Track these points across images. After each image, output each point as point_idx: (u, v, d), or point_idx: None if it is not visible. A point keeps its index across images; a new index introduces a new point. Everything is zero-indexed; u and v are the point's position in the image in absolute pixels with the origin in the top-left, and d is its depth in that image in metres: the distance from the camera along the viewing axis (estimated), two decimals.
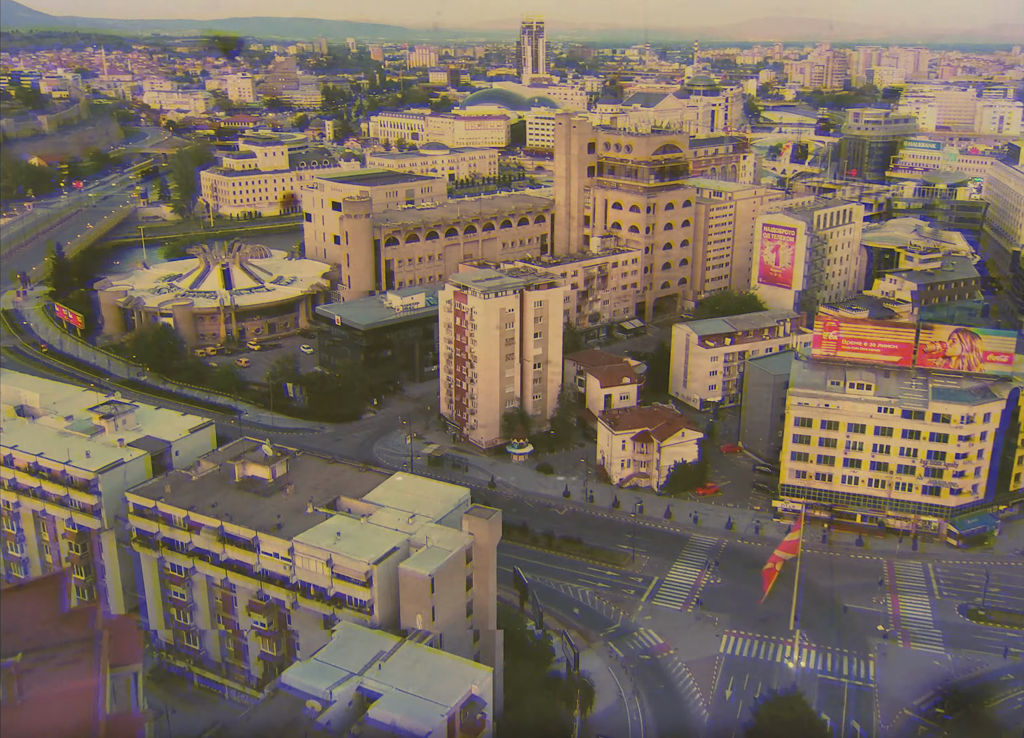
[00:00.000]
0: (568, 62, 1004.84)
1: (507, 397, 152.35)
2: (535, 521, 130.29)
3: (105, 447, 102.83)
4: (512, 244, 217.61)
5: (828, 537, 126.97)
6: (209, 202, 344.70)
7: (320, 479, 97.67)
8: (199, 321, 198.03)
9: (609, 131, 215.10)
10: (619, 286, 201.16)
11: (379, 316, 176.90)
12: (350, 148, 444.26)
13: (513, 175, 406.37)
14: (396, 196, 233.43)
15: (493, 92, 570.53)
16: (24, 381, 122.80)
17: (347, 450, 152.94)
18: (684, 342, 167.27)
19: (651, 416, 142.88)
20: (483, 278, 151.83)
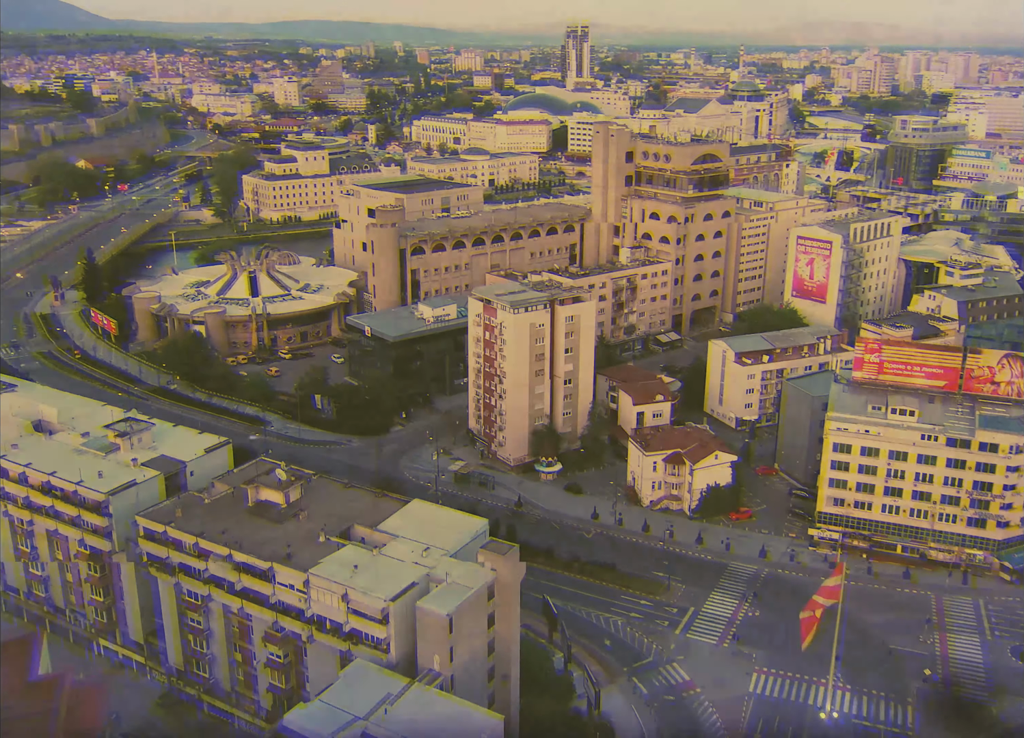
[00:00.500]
0: (613, 66, 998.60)
1: (536, 414, 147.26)
2: (562, 544, 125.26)
3: (119, 466, 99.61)
4: (540, 254, 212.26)
5: (873, 569, 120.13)
6: (250, 206, 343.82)
7: (334, 505, 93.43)
8: (231, 329, 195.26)
9: (648, 140, 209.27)
10: (648, 298, 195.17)
11: (409, 327, 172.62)
12: (391, 153, 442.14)
13: (553, 180, 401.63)
14: (431, 204, 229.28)
15: (535, 97, 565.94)
16: (43, 394, 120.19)
17: (371, 464, 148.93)
18: (720, 358, 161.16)
19: (684, 437, 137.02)
20: (507, 292, 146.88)
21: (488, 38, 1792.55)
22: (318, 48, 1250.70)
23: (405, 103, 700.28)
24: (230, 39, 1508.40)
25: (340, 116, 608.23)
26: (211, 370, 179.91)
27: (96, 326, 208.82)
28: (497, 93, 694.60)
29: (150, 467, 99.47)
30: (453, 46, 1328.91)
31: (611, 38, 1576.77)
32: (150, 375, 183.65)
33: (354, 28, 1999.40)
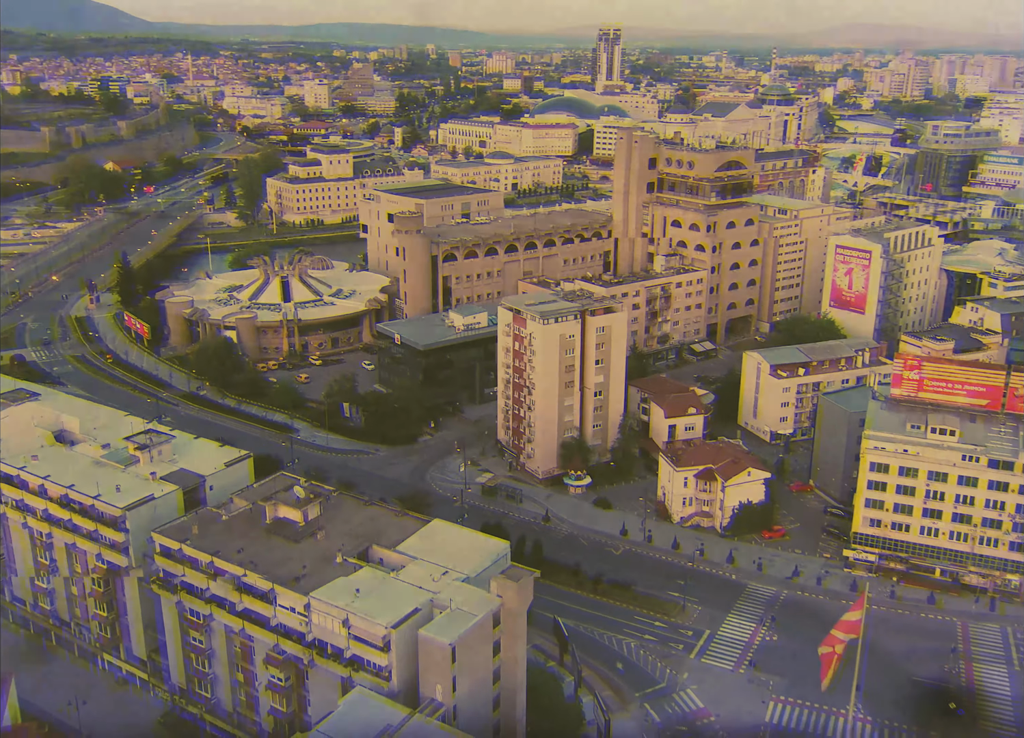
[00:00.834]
0: (644, 68, 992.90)
1: (565, 426, 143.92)
2: (588, 561, 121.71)
3: (137, 480, 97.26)
4: (574, 261, 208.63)
5: (896, 592, 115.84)
6: (274, 209, 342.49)
7: (354, 524, 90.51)
8: (262, 334, 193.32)
9: (671, 146, 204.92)
10: (683, 307, 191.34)
11: (439, 335, 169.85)
12: (416, 156, 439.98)
13: (576, 185, 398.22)
14: (451, 209, 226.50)
15: (563, 100, 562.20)
16: (66, 403, 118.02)
17: (401, 475, 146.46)
18: (755, 371, 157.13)
19: (716, 452, 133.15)
20: (536, 301, 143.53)
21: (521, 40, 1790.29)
22: (352, 50, 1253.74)
23: (434, 105, 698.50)
24: (266, 41, 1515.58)
25: (368, 119, 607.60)
26: (241, 376, 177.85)
27: (129, 330, 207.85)
28: (526, 96, 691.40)
29: (169, 481, 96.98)
30: (485, 48, 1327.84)
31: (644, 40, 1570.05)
32: (180, 380, 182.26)
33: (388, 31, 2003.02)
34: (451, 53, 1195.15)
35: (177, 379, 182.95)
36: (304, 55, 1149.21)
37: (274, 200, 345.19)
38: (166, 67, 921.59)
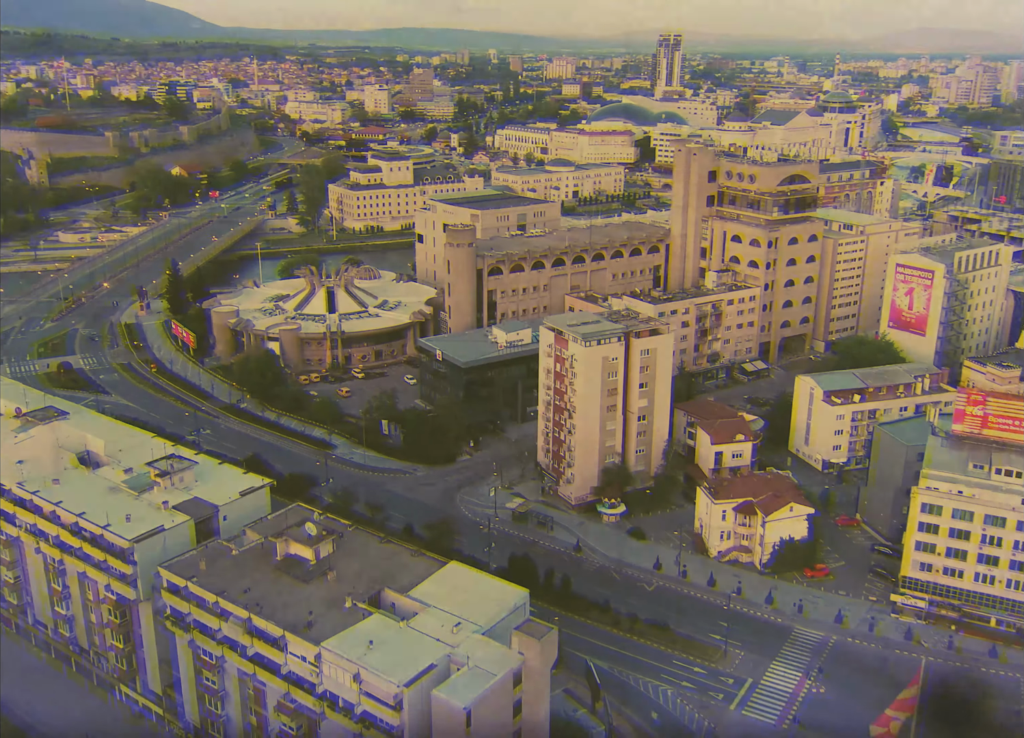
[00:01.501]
0: (705, 74, 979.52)
1: (607, 451, 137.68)
2: (620, 597, 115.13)
3: (150, 509, 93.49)
4: (623, 275, 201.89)
5: (955, 643, 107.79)
6: (335, 215, 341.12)
7: (366, 564, 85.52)
8: (306, 346, 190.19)
9: (732, 159, 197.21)
10: (735, 325, 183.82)
11: (481, 352, 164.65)
12: (477, 163, 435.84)
13: (639, 193, 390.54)
14: (507, 220, 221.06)
15: (620, 107, 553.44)
16: (94, 424, 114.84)
17: (433, 498, 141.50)
18: (807, 396, 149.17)
19: (759, 484, 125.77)
20: (579, 322, 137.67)
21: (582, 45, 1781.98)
22: (415, 55, 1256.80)
23: (492, 110, 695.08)
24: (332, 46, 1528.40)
25: (427, 124, 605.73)
26: (282, 389, 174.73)
27: (176, 338, 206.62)
28: (584, 102, 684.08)
29: (182, 511, 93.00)
30: (546, 53, 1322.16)
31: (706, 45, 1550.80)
32: (222, 391, 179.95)
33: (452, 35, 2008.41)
34: (512, 58, 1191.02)
35: (219, 390, 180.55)
36: (368, 60, 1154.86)
37: (335, 206, 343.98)
38: (233, 72, 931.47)
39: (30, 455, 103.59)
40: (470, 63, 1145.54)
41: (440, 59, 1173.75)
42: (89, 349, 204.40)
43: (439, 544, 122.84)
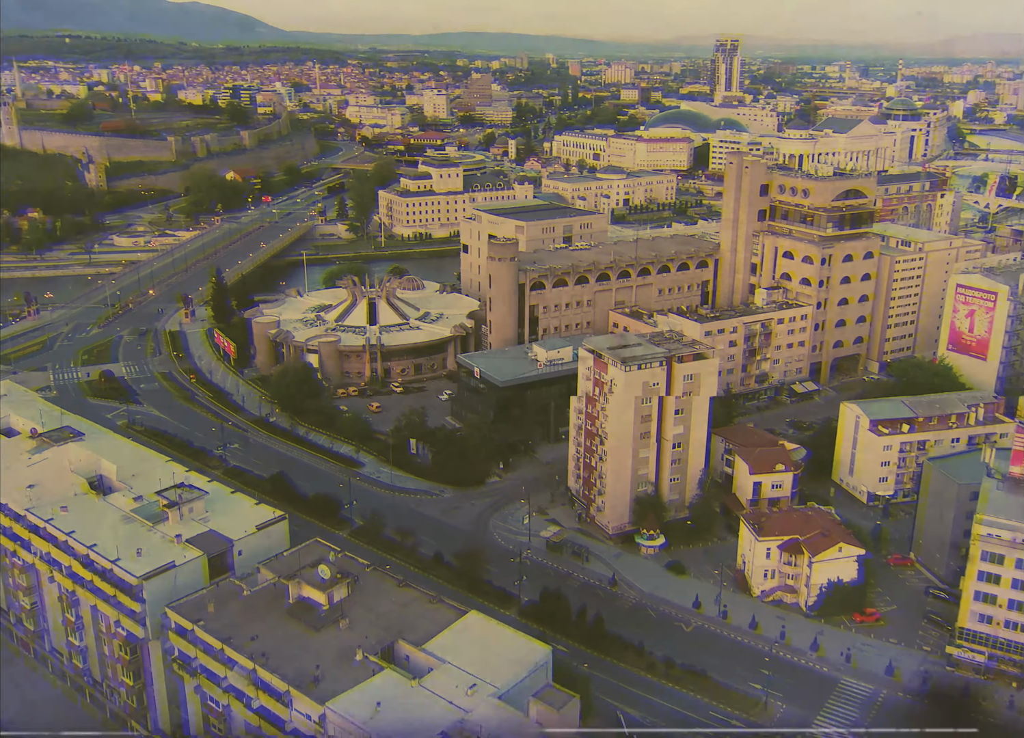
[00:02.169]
0: (765, 79, 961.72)
1: (640, 479, 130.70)
2: (655, 637, 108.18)
3: (162, 542, 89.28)
4: (669, 291, 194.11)
5: (1017, 703, 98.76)
6: (384, 222, 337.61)
7: (382, 611, 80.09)
8: (345, 359, 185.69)
9: (785, 173, 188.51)
10: (785, 345, 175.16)
11: (520, 371, 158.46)
12: (528, 169, 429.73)
13: (691, 201, 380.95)
14: (553, 232, 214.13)
15: (679, 113, 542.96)
16: (109, 446, 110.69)
17: (463, 522, 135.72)
18: (853, 424, 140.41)
19: (804, 521, 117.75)
20: (619, 345, 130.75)
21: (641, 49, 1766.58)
22: (475, 60, 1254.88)
23: (551, 115, 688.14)
24: (392, 50, 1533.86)
25: (485, 129, 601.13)
26: (314, 403, 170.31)
27: (218, 347, 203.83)
28: (643, 107, 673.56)
29: (196, 544, 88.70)
30: (605, 58, 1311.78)
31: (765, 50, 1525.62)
32: (255, 404, 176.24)
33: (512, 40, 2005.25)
34: (571, 62, 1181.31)
35: (253, 402, 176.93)
36: (429, 64, 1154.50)
37: (385, 212, 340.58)
38: (296, 76, 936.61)
39: (42, 479, 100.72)
40: (529, 67, 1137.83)
41: (499, 64, 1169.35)
42: (132, 357, 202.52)
43: (469, 575, 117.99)
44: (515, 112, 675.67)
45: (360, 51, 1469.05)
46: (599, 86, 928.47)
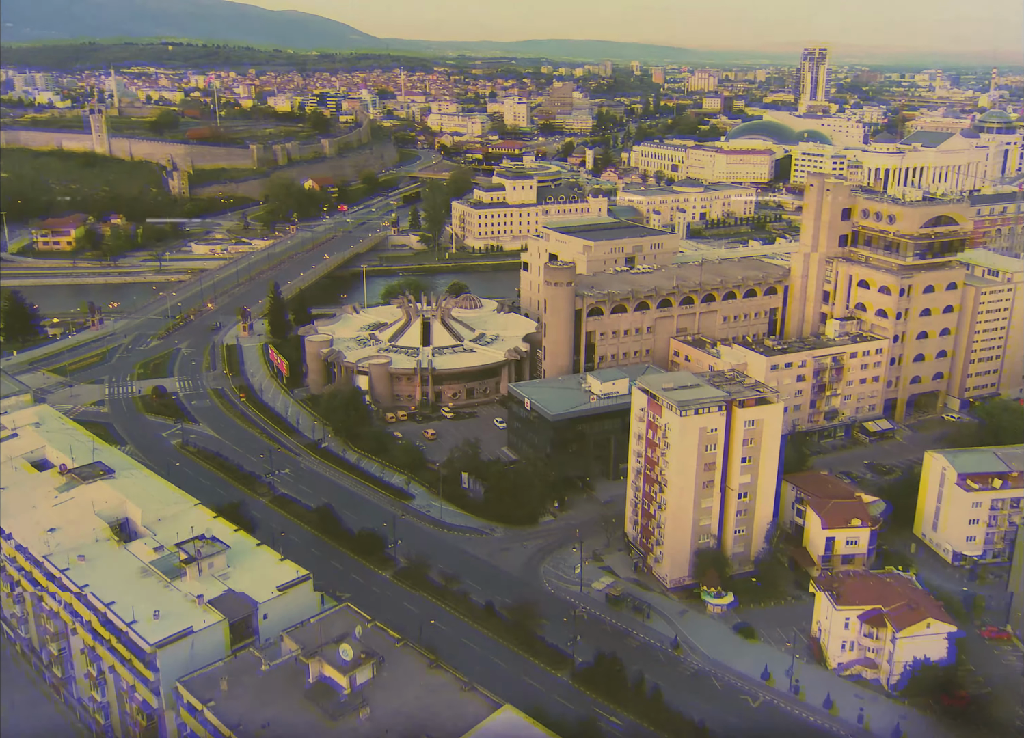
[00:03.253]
0: (851, 87, 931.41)
1: (701, 531, 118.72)
2: (719, 714, 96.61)
3: (183, 602, 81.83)
4: (735, 318, 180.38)
5: None
6: (456, 233, 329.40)
7: (408, 698, 70.99)
8: (396, 381, 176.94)
9: (870, 196, 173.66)
10: (858, 380, 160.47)
11: (572, 403, 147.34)
12: (605, 181, 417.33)
13: (770, 216, 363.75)
14: (621, 252, 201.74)
15: (760, 125, 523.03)
16: (136, 485, 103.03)
17: (515, 565, 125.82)
18: (939, 477, 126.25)
19: (886, 589, 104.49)
20: (675, 385, 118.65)
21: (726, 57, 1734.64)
22: (559, 67, 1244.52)
23: (631, 124, 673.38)
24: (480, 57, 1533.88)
25: (565, 138, 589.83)
26: (366, 428, 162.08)
27: (272, 364, 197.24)
28: (725, 117, 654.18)
29: (217, 607, 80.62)
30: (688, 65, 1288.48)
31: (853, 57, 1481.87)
32: (307, 426, 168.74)
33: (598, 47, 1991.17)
34: (654, 70, 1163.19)
35: (305, 423, 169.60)
36: (514, 72, 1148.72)
37: (457, 224, 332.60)
38: (384, 83, 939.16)
39: (64, 521, 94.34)
40: (612, 75, 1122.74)
41: (583, 71, 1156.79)
42: (187, 371, 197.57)
43: (521, 629, 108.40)
44: (595, 121, 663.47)
45: (449, 58, 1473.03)
46: (682, 94, 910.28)
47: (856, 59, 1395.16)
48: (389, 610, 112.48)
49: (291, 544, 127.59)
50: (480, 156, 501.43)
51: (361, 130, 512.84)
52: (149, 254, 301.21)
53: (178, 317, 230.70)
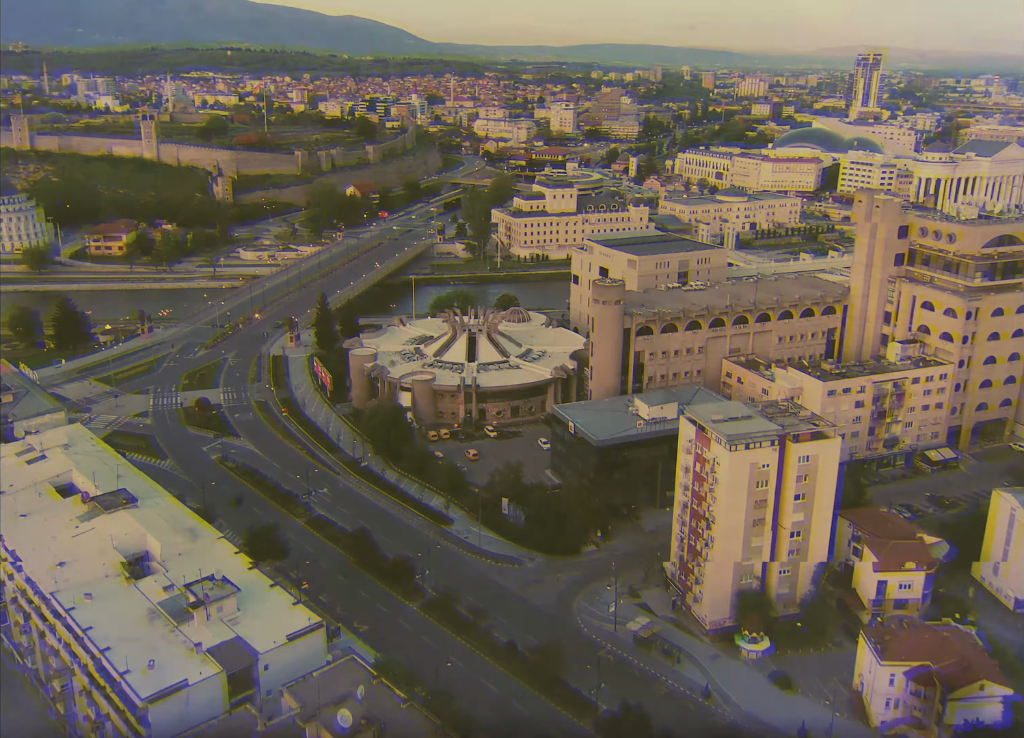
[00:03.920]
0: (905, 93, 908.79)
1: (745, 571, 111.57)
2: None
3: (182, 650, 76.82)
4: (791, 338, 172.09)
5: None
6: (503, 241, 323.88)
7: None
8: (439, 398, 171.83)
9: (924, 214, 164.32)
10: (920, 406, 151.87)
11: (618, 428, 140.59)
12: (647, 188, 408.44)
13: (819, 226, 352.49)
14: (667, 267, 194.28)
15: (809, 132, 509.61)
16: (158, 517, 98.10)
17: (548, 601, 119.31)
18: (1007, 518, 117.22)
19: (939, 645, 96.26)
20: (725, 416, 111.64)
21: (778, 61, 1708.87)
22: (609, 72, 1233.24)
23: (678, 130, 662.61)
24: (531, 62, 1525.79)
25: (610, 144, 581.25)
26: (408, 447, 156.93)
27: (317, 377, 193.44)
28: (773, 123, 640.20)
29: (216, 657, 75.44)
30: (739, 70, 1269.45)
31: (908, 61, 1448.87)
32: (348, 442, 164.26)
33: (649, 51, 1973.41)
34: (704, 74, 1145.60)
35: (346, 440, 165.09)
36: (564, 77, 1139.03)
37: (503, 232, 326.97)
38: (434, 88, 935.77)
39: (79, 555, 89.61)
40: (662, 80, 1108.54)
41: (633, 76, 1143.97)
42: (232, 383, 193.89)
43: (543, 672, 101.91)
44: (642, 127, 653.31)
45: (500, 62, 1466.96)
46: (731, 99, 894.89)
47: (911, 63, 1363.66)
48: (409, 645, 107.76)
49: (320, 570, 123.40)
50: (523, 162, 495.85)
51: (406, 136, 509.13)
52: (202, 259, 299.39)
53: (227, 326, 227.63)
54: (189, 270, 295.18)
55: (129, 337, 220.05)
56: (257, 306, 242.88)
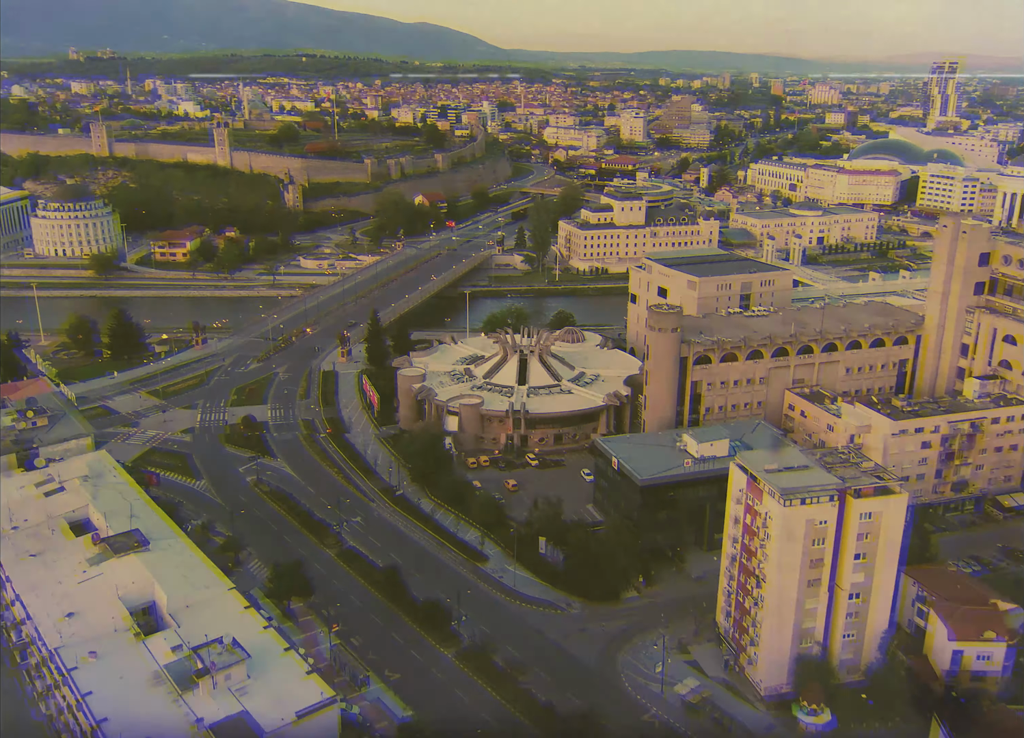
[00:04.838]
0: (983, 102, 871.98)
1: (804, 634, 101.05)
2: None
3: (184, 726, 69.66)
4: (859, 370, 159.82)
5: None
6: (562, 253, 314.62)
7: None
8: (487, 423, 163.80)
9: (1013, 241, 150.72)
10: (994, 448, 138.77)
11: (665, 465, 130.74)
12: (719, 200, 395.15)
13: (894, 242, 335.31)
14: (729, 289, 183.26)
15: (886, 143, 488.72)
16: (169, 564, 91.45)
17: (590, 653, 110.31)
18: None
19: None
20: (780, 466, 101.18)
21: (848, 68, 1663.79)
22: (678, 79, 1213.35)
23: (750, 139, 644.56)
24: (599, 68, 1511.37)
25: (681, 153, 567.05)
26: (445, 476, 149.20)
27: (365, 395, 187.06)
28: (848, 133, 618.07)
29: (218, 735, 68.04)
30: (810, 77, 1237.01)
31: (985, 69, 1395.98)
32: (387, 467, 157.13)
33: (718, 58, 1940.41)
34: (774, 82, 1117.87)
35: (384, 465, 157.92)
36: (631, 83, 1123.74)
37: (563, 244, 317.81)
38: (504, 94, 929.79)
39: (86, 605, 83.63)
40: (731, 87, 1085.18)
41: (701, 83, 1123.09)
42: (281, 399, 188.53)
43: None
44: (713, 135, 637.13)
45: (569, 69, 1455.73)
46: (803, 108, 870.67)
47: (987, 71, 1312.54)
48: (441, 699, 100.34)
49: (353, 608, 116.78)
50: (593, 171, 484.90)
51: (475, 144, 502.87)
52: (263, 267, 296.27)
53: (280, 339, 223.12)
54: (250, 278, 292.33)
55: (183, 348, 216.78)
56: (311, 319, 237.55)
